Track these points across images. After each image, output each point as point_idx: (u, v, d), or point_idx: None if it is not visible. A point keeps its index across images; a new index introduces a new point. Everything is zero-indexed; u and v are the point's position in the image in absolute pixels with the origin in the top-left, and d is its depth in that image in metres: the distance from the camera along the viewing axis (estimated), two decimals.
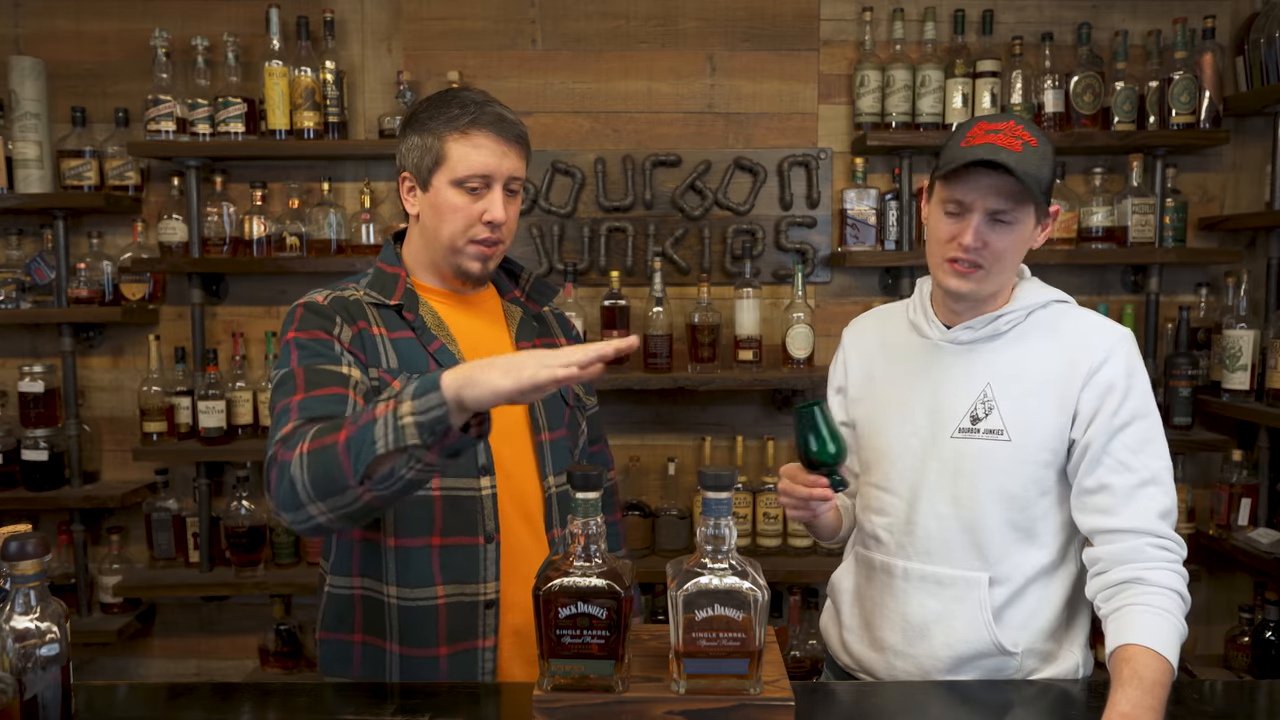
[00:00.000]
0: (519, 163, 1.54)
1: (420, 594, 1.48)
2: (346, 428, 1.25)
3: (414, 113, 1.56)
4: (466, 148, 1.49)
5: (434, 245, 1.55)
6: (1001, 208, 1.41)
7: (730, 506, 1.16)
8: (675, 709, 1.15)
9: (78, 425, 2.87)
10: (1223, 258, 2.81)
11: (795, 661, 2.76)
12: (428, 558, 1.48)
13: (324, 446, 1.26)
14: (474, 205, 1.50)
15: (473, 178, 1.49)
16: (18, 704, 1.08)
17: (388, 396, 1.25)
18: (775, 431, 2.94)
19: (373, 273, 1.59)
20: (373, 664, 1.51)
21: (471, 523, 1.49)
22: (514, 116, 1.54)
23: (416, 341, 1.51)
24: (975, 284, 1.45)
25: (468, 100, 1.51)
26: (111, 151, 2.84)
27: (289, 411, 1.37)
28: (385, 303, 1.53)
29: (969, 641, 1.46)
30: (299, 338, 1.46)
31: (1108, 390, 1.42)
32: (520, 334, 1.63)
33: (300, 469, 1.28)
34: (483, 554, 1.49)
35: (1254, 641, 2.64)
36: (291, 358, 1.44)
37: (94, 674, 2.98)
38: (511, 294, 1.69)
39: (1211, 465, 2.95)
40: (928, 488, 1.49)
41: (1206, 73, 2.73)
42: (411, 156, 1.54)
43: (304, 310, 1.50)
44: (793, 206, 2.91)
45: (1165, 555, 1.38)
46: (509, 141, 1.51)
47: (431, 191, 1.52)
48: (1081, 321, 1.50)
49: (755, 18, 2.89)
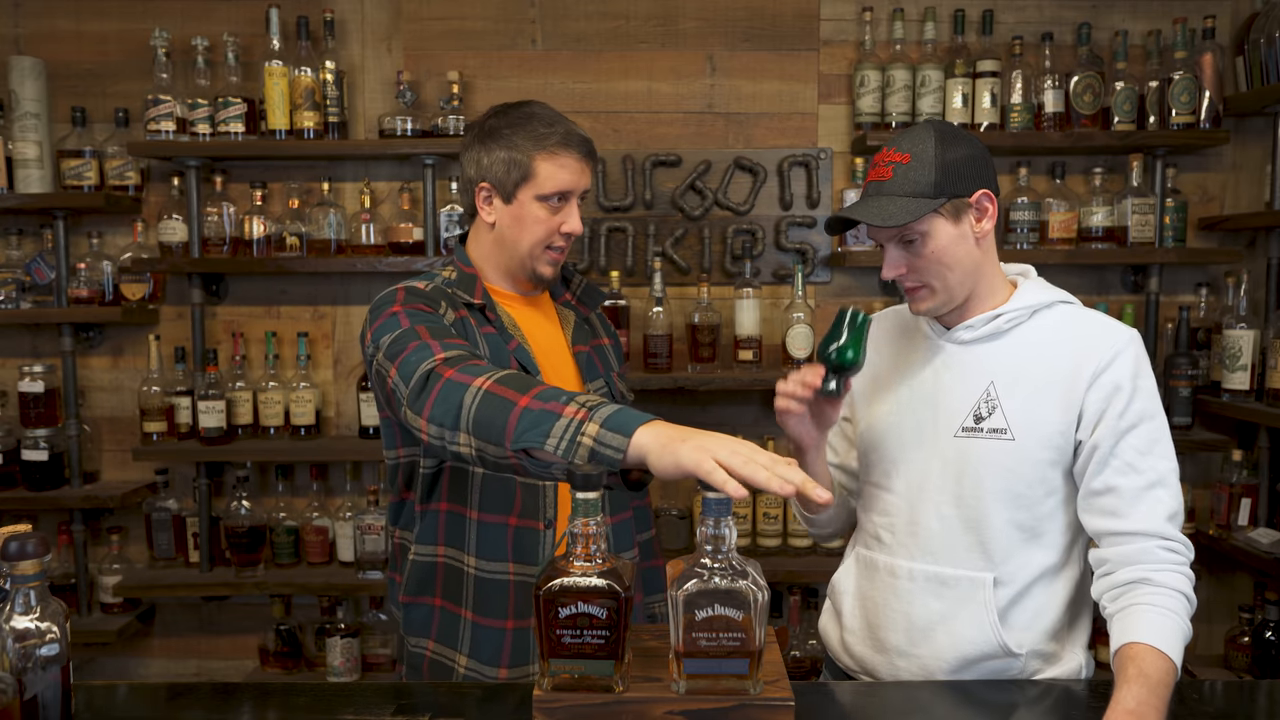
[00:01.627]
0: (592, 177, 1.69)
1: (495, 568, 1.60)
2: (531, 395, 1.27)
3: (491, 127, 1.65)
4: (554, 167, 1.61)
5: (512, 252, 1.66)
6: (897, 234, 1.44)
7: (730, 506, 1.15)
8: (675, 709, 1.15)
9: (78, 425, 2.87)
10: (1223, 258, 2.81)
11: (795, 661, 2.76)
12: (504, 535, 1.60)
13: (505, 397, 1.28)
14: (554, 218, 1.64)
15: (557, 194, 1.63)
16: (18, 704, 1.08)
17: (582, 400, 1.25)
18: (775, 431, 2.94)
19: (455, 272, 1.68)
20: (448, 628, 1.62)
21: (537, 508, 1.61)
22: (584, 133, 1.67)
23: (499, 338, 1.62)
24: (930, 302, 1.47)
25: (550, 119, 1.64)
26: (111, 151, 2.84)
27: (428, 348, 1.40)
28: (470, 300, 1.63)
29: (974, 642, 1.46)
30: (406, 310, 1.52)
31: (1114, 392, 1.41)
32: (576, 337, 1.76)
33: (473, 400, 1.30)
34: (542, 539, 1.61)
35: (1254, 641, 2.64)
36: (402, 322, 1.48)
37: (94, 674, 2.98)
38: (563, 297, 1.81)
39: (1211, 465, 2.95)
40: (931, 487, 1.49)
41: (1206, 73, 2.73)
42: (496, 170, 1.63)
43: (405, 292, 1.59)
44: (793, 206, 2.91)
45: (1173, 557, 1.38)
46: (587, 160, 1.66)
47: (515, 204, 1.64)
48: (1088, 322, 1.49)
49: (755, 18, 2.89)
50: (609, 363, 1.82)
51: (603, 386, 1.75)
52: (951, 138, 1.43)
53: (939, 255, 1.43)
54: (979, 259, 1.47)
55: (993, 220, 1.46)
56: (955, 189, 1.41)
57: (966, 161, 1.42)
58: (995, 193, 1.47)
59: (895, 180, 1.42)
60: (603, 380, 1.76)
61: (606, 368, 1.80)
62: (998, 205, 1.47)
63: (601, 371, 1.77)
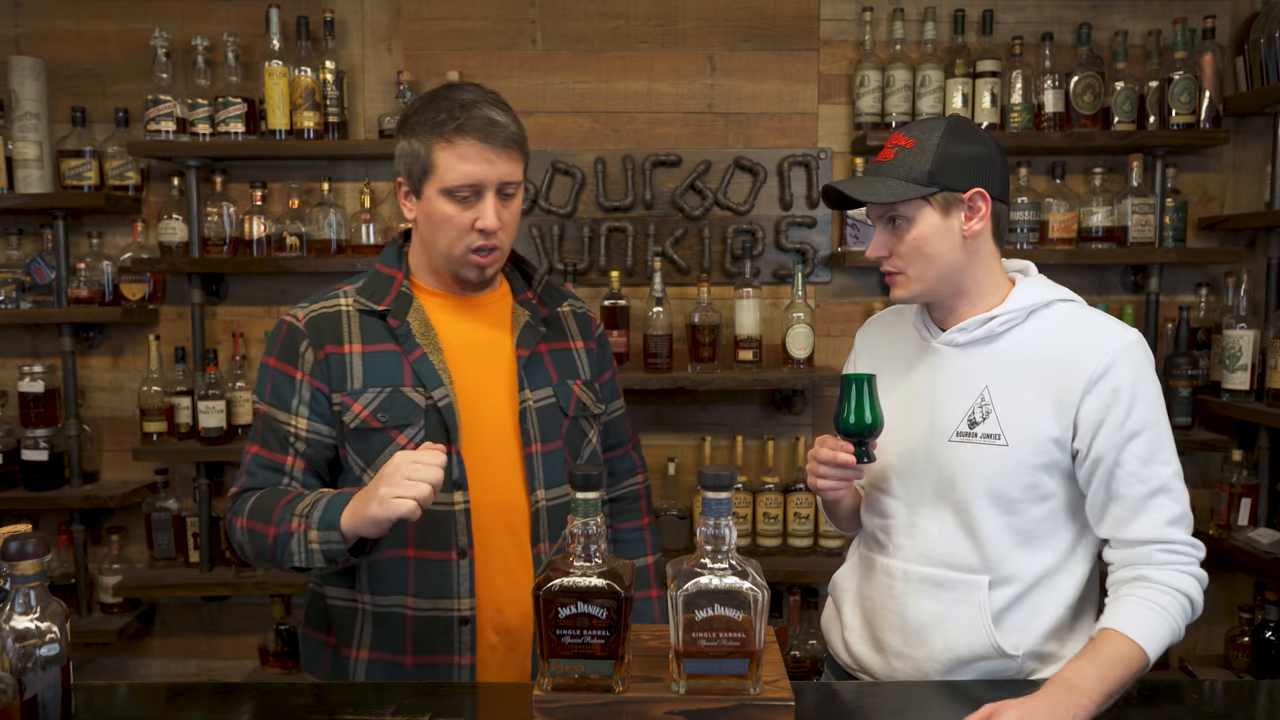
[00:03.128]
0: (511, 167, 1.48)
1: (390, 601, 1.51)
2: (274, 523, 1.41)
3: (407, 114, 1.52)
4: (453, 158, 1.44)
5: (432, 252, 1.54)
6: (884, 213, 1.44)
7: (730, 506, 1.16)
8: (675, 709, 1.15)
9: (78, 425, 2.87)
10: (1223, 258, 2.81)
11: (795, 661, 2.76)
12: (402, 568, 1.50)
13: (258, 533, 1.43)
14: (465, 214, 1.46)
15: (462, 188, 1.45)
16: (18, 704, 1.07)
17: (301, 513, 1.39)
18: (775, 431, 2.94)
19: (368, 276, 1.58)
20: (339, 666, 1.56)
21: (445, 537, 1.49)
22: (505, 118, 1.48)
23: (398, 352, 1.51)
24: (905, 290, 1.46)
25: (455, 103, 1.46)
26: (111, 151, 2.84)
27: (243, 465, 1.53)
28: (373, 309, 1.52)
29: (967, 644, 1.45)
30: (274, 368, 1.53)
31: (1113, 399, 1.38)
32: (522, 340, 1.59)
33: (244, 539, 1.47)
34: (456, 569, 1.49)
35: (1254, 641, 2.64)
36: (266, 389, 1.54)
37: (94, 674, 2.98)
38: (524, 295, 1.64)
39: (1211, 465, 2.95)
40: (927, 492, 1.48)
41: (1206, 73, 2.73)
42: (404, 162, 1.51)
43: (285, 334, 1.54)
44: (793, 206, 2.91)
45: (1173, 558, 1.38)
46: (497, 148, 1.45)
47: (424, 200, 1.49)
48: (1087, 323, 1.45)
49: (755, 18, 2.89)
50: (574, 369, 1.64)
51: (549, 397, 1.58)
52: (963, 133, 1.43)
53: (919, 243, 1.42)
54: (964, 258, 1.44)
55: (984, 221, 1.43)
56: (949, 182, 1.41)
57: (970, 158, 1.42)
58: (999, 198, 1.45)
59: (894, 162, 1.43)
60: (551, 390, 1.59)
61: (565, 374, 1.62)
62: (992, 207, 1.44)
63: (555, 379, 1.60)
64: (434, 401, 1.49)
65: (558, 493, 1.56)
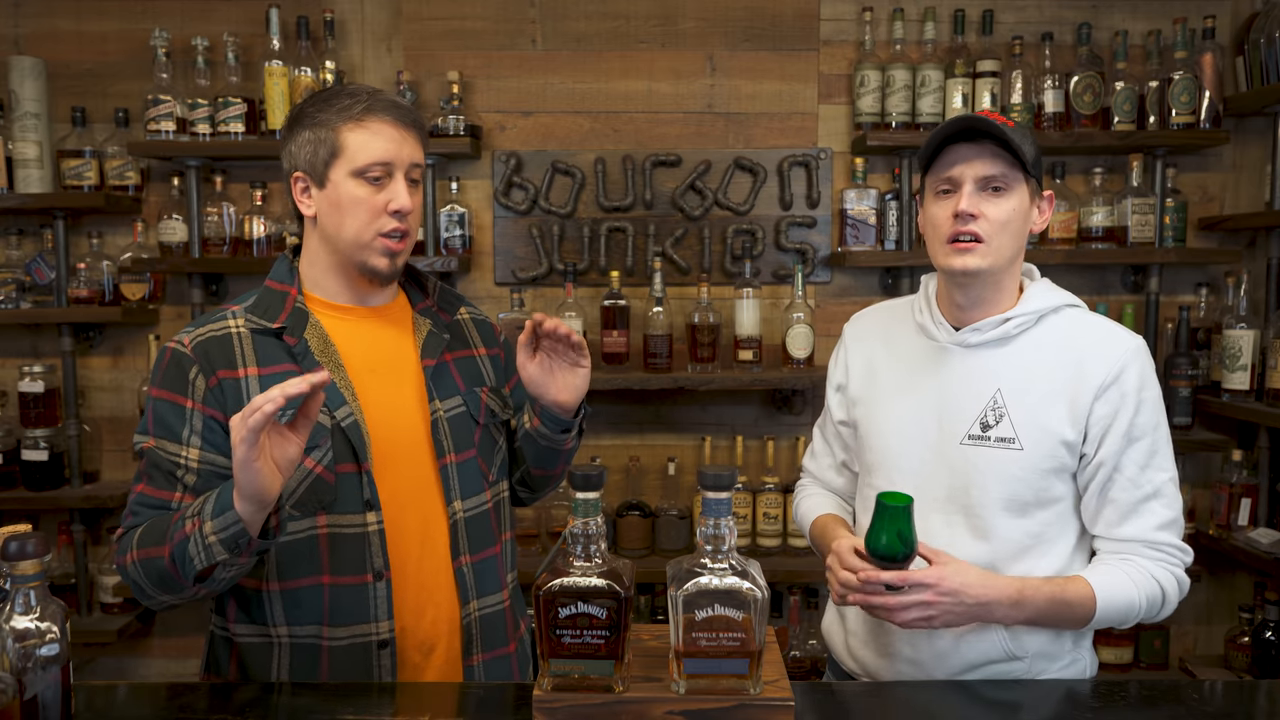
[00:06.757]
0: (418, 150, 1.49)
1: (306, 632, 1.45)
2: (168, 542, 1.32)
3: (299, 111, 1.48)
4: (364, 135, 1.43)
5: (337, 246, 1.47)
6: (991, 174, 1.41)
7: (730, 506, 1.16)
8: (675, 709, 1.15)
9: (78, 425, 2.87)
10: (1223, 258, 2.81)
11: (795, 661, 2.76)
12: (317, 596, 1.44)
13: (152, 558, 1.34)
14: (377, 196, 1.44)
15: (374, 166, 1.43)
16: (18, 704, 1.07)
17: (193, 513, 1.30)
18: (775, 431, 2.94)
19: (259, 293, 1.51)
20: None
21: (359, 561, 1.44)
22: (402, 101, 1.49)
23: (297, 372, 1.42)
24: (979, 259, 1.41)
25: (357, 90, 1.46)
26: (111, 151, 2.84)
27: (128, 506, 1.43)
28: (267, 327, 1.45)
29: (980, 649, 1.46)
30: (159, 399, 1.43)
31: (1120, 405, 1.41)
32: (427, 349, 1.55)
33: (138, 573, 1.36)
34: (372, 592, 1.44)
35: (1254, 641, 2.64)
36: (149, 423, 1.43)
37: (94, 674, 2.98)
38: (423, 304, 1.60)
39: (1211, 465, 2.95)
40: (937, 495, 1.48)
41: (1206, 73, 2.73)
42: (304, 154, 1.46)
43: (170, 361, 1.44)
44: (793, 206, 2.91)
45: (1156, 555, 1.43)
46: (406, 127, 1.46)
47: (330, 187, 1.45)
48: (1095, 330, 1.47)
49: (755, 18, 2.89)
50: (479, 376, 1.61)
51: (459, 405, 1.55)
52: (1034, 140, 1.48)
53: (1012, 217, 1.42)
54: (1019, 250, 1.47)
55: (1040, 226, 1.49)
56: (1038, 175, 1.46)
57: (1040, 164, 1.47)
58: None
59: (1014, 131, 1.40)
60: (460, 398, 1.55)
61: (471, 382, 1.58)
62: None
63: (462, 387, 1.56)
64: (338, 421, 1.43)
65: (474, 503, 1.53)
